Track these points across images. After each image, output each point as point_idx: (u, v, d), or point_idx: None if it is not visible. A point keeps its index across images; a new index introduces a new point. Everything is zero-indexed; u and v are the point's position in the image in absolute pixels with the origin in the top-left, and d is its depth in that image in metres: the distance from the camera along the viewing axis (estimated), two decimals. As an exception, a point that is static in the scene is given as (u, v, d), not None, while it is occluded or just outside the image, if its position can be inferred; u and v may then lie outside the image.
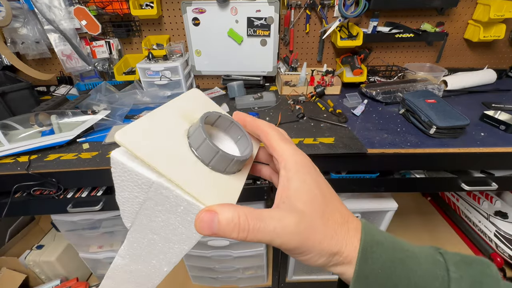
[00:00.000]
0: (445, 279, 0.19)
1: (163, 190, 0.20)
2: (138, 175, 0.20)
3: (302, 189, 0.22)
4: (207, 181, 0.22)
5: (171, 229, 0.23)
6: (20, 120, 0.89)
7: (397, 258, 0.20)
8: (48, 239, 1.32)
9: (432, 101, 0.93)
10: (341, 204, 0.23)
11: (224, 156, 0.22)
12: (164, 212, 0.22)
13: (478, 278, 0.20)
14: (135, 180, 0.21)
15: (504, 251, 1.15)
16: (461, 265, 0.20)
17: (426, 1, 1.13)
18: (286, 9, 1.20)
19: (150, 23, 1.24)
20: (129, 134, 0.20)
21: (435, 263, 0.20)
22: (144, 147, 0.20)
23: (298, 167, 0.23)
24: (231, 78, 1.28)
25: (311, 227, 0.20)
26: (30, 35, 1.16)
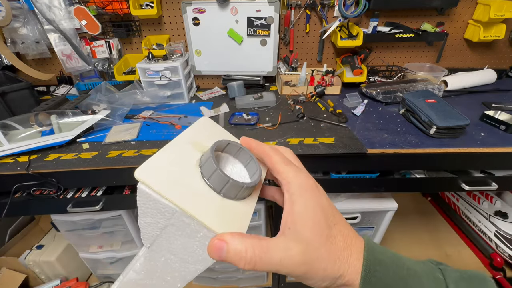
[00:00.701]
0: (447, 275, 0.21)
1: (185, 218, 0.22)
2: (163, 204, 0.22)
3: (306, 214, 0.22)
4: (219, 209, 0.24)
5: (189, 251, 0.25)
6: (20, 120, 0.89)
7: (399, 276, 0.21)
8: (48, 239, 1.32)
9: (432, 101, 0.93)
10: (344, 225, 0.24)
11: (235, 184, 0.24)
12: (184, 237, 0.24)
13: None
14: (159, 209, 0.22)
15: (504, 251, 1.15)
16: (460, 282, 0.21)
17: (426, 1, 1.13)
18: (286, 9, 1.20)
19: (150, 23, 1.24)
20: (147, 171, 0.22)
21: (435, 280, 0.21)
22: (161, 182, 0.22)
23: (301, 190, 0.23)
24: (231, 78, 1.28)
25: (315, 256, 0.21)
26: (30, 35, 1.16)
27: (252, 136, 0.90)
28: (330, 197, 1.03)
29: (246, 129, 0.96)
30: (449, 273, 0.22)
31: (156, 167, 0.23)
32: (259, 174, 0.27)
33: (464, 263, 1.31)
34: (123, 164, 0.79)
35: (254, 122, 0.98)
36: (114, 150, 0.86)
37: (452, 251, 1.38)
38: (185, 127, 0.97)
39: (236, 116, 1.05)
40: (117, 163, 0.80)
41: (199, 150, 0.27)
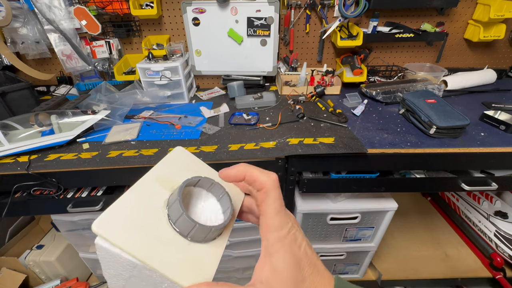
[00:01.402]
0: None
1: (147, 271, 0.21)
2: (123, 258, 0.21)
3: (282, 271, 0.22)
4: (185, 256, 0.22)
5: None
6: (20, 120, 0.89)
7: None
8: (48, 239, 1.32)
9: (432, 101, 0.93)
10: (318, 272, 0.23)
11: (202, 228, 0.23)
12: (150, 287, 0.22)
13: None
14: (120, 262, 0.21)
15: (504, 251, 1.15)
16: None
17: (426, 1, 1.13)
18: (286, 9, 1.20)
19: (150, 23, 1.24)
20: (105, 224, 0.21)
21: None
22: (120, 235, 0.21)
23: (282, 245, 0.22)
24: (231, 78, 1.28)
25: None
26: (30, 35, 1.16)
27: (252, 136, 0.90)
28: (330, 197, 1.03)
29: (246, 129, 0.96)
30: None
31: (115, 217, 0.22)
32: (230, 212, 0.26)
33: (464, 263, 1.31)
34: (123, 164, 0.79)
35: (254, 122, 0.98)
36: (114, 150, 0.86)
37: (452, 251, 1.38)
38: (185, 127, 0.98)
39: (236, 116, 1.05)
40: (117, 163, 0.80)
41: (168, 188, 0.26)
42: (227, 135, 0.92)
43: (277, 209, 0.23)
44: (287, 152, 0.82)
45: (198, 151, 0.84)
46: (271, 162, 0.83)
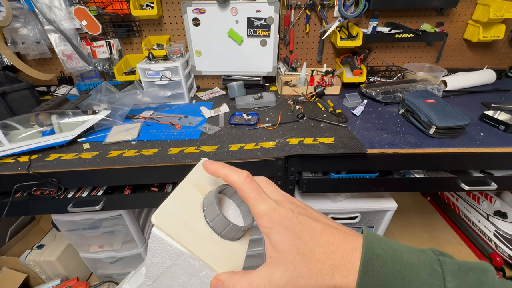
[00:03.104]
0: (444, 267, 0.21)
1: (191, 260, 0.25)
2: (173, 247, 0.25)
3: (280, 242, 0.24)
4: (220, 250, 0.27)
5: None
6: (21, 120, 0.89)
7: (396, 270, 0.22)
8: (49, 239, 1.32)
9: (432, 101, 0.94)
10: (323, 233, 0.24)
11: (234, 227, 0.27)
12: (186, 275, 0.26)
13: (474, 286, 0.21)
14: (168, 250, 0.25)
15: (503, 250, 1.16)
16: (458, 274, 0.21)
17: (426, 1, 1.13)
18: (286, 10, 1.21)
19: (150, 23, 1.24)
20: (162, 217, 0.25)
21: (432, 273, 0.21)
22: (173, 227, 0.25)
23: (272, 224, 0.25)
24: (231, 78, 1.29)
25: (295, 275, 0.23)
26: (31, 35, 1.17)
27: (252, 136, 0.91)
28: (330, 197, 1.03)
29: (246, 129, 0.96)
30: (447, 265, 0.22)
31: (168, 212, 0.26)
32: (252, 217, 0.30)
33: (463, 263, 1.31)
34: (124, 164, 0.80)
35: (254, 122, 0.98)
36: (114, 150, 0.86)
37: (451, 250, 1.39)
38: (185, 127, 0.98)
39: (236, 116, 1.05)
40: (118, 163, 0.80)
41: (202, 192, 0.30)
42: (227, 135, 0.93)
43: (255, 199, 0.26)
44: (287, 152, 0.82)
45: (198, 151, 0.84)
46: (271, 162, 0.84)
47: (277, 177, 0.88)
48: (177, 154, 0.82)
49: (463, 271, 0.21)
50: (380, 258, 0.22)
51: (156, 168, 0.81)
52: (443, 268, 0.22)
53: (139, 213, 1.14)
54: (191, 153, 0.83)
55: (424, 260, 0.22)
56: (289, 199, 0.28)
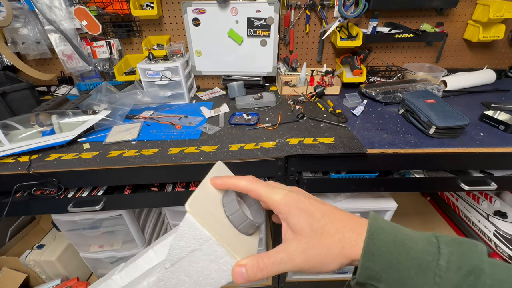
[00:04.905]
0: (436, 254, 0.24)
1: (215, 246, 0.27)
2: (202, 232, 0.27)
3: (297, 223, 0.28)
4: (238, 241, 0.30)
5: (205, 274, 0.30)
6: (21, 120, 0.89)
7: (398, 239, 0.25)
8: (49, 238, 1.32)
9: (432, 101, 0.94)
10: (333, 213, 0.28)
11: (250, 223, 0.30)
12: (206, 261, 0.29)
13: (464, 253, 0.24)
14: (196, 235, 0.27)
15: (503, 250, 1.16)
16: (451, 243, 0.25)
17: (426, 2, 1.14)
18: (286, 10, 1.21)
19: (150, 23, 1.24)
20: (194, 205, 0.28)
21: (429, 243, 0.25)
22: (203, 215, 0.28)
23: (288, 208, 0.28)
24: (231, 78, 1.29)
25: (309, 246, 0.27)
26: (31, 35, 1.17)
27: (252, 136, 0.91)
28: (330, 197, 1.03)
29: (246, 129, 0.96)
30: (442, 238, 0.25)
31: (198, 201, 0.29)
32: (262, 216, 0.34)
33: (463, 263, 1.31)
34: (124, 164, 0.80)
35: (254, 122, 0.98)
36: (114, 150, 0.86)
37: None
38: (185, 127, 0.98)
39: (236, 116, 1.05)
40: (118, 163, 0.80)
41: (220, 191, 0.33)
42: (227, 135, 0.93)
43: (269, 192, 0.29)
44: (287, 152, 0.82)
45: (199, 151, 0.84)
46: (271, 162, 0.84)
47: (277, 177, 0.88)
48: (177, 154, 0.82)
49: (456, 242, 0.25)
50: (384, 230, 0.26)
51: (156, 168, 0.81)
52: (438, 240, 0.25)
53: (139, 213, 1.14)
54: (191, 153, 0.83)
55: (422, 235, 0.26)
56: (296, 189, 0.31)
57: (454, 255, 0.23)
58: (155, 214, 1.29)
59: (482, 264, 0.23)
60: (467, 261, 0.23)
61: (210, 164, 0.43)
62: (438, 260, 0.23)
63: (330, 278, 1.33)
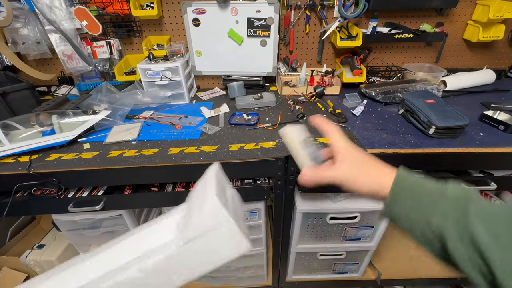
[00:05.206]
0: (444, 187, 0.36)
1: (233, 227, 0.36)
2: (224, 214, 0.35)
3: (347, 156, 0.42)
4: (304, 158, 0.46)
5: (215, 252, 0.36)
6: (21, 120, 0.89)
7: (419, 179, 0.38)
8: (49, 238, 1.32)
9: (431, 101, 0.94)
10: (371, 161, 0.43)
11: (321, 156, 0.47)
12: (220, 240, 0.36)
13: (466, 190, 0.35)
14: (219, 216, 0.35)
15: (503, 250, 1.16)
16: (457, 185, 0.37)
17: (426, 2, 1.14)
18: (286, 10, 1.21)
19: (150, 23, 1.24)
20: (288, 129, 0.49)
21: (439, 183, 0.38)
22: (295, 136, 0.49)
23: (345, 150, 0.43)
24: (231, 79, 1.29)
25: (354, 169, 0.41)
26: (31, 36, 1.17)
27: (252, 136, 0.91)
28: (330, 197, 1.03)
29: (246, 129, 0.97)
30: (451, 181, 0.38)
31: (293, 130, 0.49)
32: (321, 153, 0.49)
33: (463, 263, 1.31)
34: (124, 164, 0.80)
35: (254, 122, 0.99)
36: (115, 150, 0.86)
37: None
38: (186, 127, 0.98)
39: (236, 116, 1.05)
40: (118, 163, 0.80)
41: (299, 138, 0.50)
42: (227, 135, 0.93)
43: (339, 138, 0.44)
44: (287, 152, 0.82)
45: (199, 151, 0.84)
46: (271, 162, 0.84)
47: (277, 177, 0.88)
48: (177, 154, 0.83)
49: (461, 185, 0.36)
50: (410, 173, 0.39)
51: (156, 168, 0.81)
52: (447, 182, 0.37)
53: (139, 213, 1.15)
54: (191, 153, 0.83)
55: (435, 184, 0.38)
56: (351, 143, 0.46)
57: (457, 188, 0.36)
58: (155, 214, 1.29)
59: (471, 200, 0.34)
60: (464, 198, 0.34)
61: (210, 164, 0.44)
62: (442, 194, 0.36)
63: (330, 278, 1.33)
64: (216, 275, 1.28)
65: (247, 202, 0.99)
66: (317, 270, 1.30)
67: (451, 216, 0.32)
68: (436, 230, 0.33)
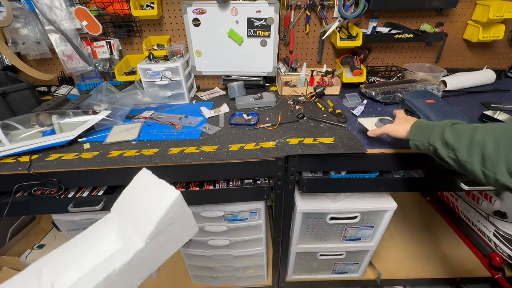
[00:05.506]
0: (438, 122, 0.64)
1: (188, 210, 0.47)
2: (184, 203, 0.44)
3: (396, 120, 0.78)
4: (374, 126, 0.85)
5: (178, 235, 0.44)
6: (21, 120, 0.89)
7: (424, 121, 0.73)
8: (49, 238, 1.32)
9: (431, 101, 0.94)
10: (409, 119, 0.75)
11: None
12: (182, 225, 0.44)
13: (450, 121, 0.62)
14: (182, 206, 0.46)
15: (503, 250, 1.16)
16: (447, 120, 0.63)
17: (426, 2, 1.14)
18: (286, 10, 1.21)
19: (150, 23, 1.24)
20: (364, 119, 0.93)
21: (439, 121, 0.65)
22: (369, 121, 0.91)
23: (403, 119, 0.76)
24: (231, 79, 1.29)
25: (396, 124, 0.76)
26: (31, 36, 1.17)
27: (252, 136, 0.91)
28: (330, 197, 1.03)
29: (246, 129, 0.97)
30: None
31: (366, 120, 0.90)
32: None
33: (463, 263, 1.32)
34: (124, 164, 0.80)
35: (254, 122, 0.99)
36: (115, 150, 0.86)
37: (451, 250, 1.39)
38: (186, 127, 0.98)
39: (236, 116, 1.05)
40: (118, 163, 0.80)
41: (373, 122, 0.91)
42: (227, 135, 0.93)
43: (400, 116, 0.79)
44: (287, 152, 0.82)
45: (199, 151, 0.84)
46: (271, 162, 0.84)
47: (277, 177, 0.88)
48: (177, 154, 0.83)
49: (449, 120, 0.63)
50: (423, 120, 0.75)
51: (156, 168, 0.81)
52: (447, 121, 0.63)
53: (139, 213, 1.15)
54: (192, 153, 0.83)
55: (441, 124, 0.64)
56: (404, 116, 0.79)
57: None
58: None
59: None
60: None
61: (210, 164, 0.44)
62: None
63: (330, 278, 1.33)
64: (216, 275, 1.28)
65: (247, 202, 0.99)
66: (317, 270, 1.30)
67: (438, 134, 0.61)
68: (432, 144, 0.62)
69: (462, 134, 0.56)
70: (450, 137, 0.57)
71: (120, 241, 0.42)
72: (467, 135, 0.55)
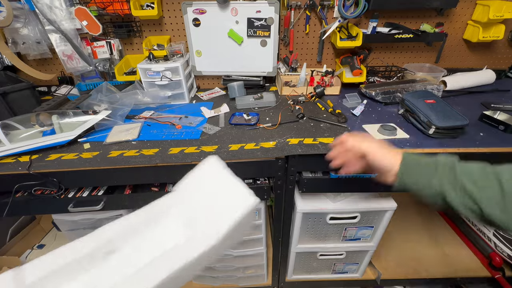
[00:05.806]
0: (436, 159, 0.51)
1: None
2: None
3: (375, 145, 0.57)
4: None
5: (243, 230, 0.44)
6: (21, 120, 0.89)
7: (419, 157, 0.52)
8: (49, 238, 1.32)
9: (431, 101, 0.94)
10: (389, 149, 0.55)
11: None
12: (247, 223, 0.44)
13: (451, 158, 0.50)
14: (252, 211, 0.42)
15: (503, 250, 1.16)
16: (444, 155, 0.51)
17: (426, 2, 1.14)
18: (286, 10, 1.21)
19: (150, 23, 1.24)
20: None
21: (435, 157, 0.51)
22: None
23: (374, 144, 0.57)
24: (231, 79, 1.29)
25: (378, 149, 0.55)
26: (31, 36, 1.17)
27: (252, 136, 0.91)
28: (330, 197, 1.03)
29: (247, 129, 0.97)
30: (439, 155, 0.52)
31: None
32: None
33: (463, 263, 1.32)
34: (124, 164, 0.80)
35: (254, 122, 0.99)
36: (115, 150, 0.86)
37: (451, 250, 1.39)
38: (186, 127, 0.98)
39: (236, 116, 1.05)
40: (118, 163, 0.80)
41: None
42: (227, 135, 0.93)
43: (349, 138, 0.60)
44: (287, 152, 0.82)
45: (199, 151, 0.84)
46: (271, 162, 0.84)
47: (277, 177, 0.88)
48: (177, 154, 0.83)
49: (446, 156, 0.51)
50: (412, 154, 0.53)
51: (156, 168, 0.81)
52: (437, 156, 0.52)
53: (139, 213, 1.15)
54: (192, 153, 0.83)
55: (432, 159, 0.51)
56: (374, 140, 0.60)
57: (448, 159, 0.50)
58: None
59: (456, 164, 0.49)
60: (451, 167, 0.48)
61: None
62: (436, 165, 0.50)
63: (330, 278, 1.33)
64: (216, 275, 1.28)
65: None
66: (317, 270, 1.30)
67: (445, 177, 0.47)
68: (437, 188, 0.48)
69: (483, 181, 0.44)
70: (467, 183, 0.44)
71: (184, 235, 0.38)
72: (491, 181, 0.43)
